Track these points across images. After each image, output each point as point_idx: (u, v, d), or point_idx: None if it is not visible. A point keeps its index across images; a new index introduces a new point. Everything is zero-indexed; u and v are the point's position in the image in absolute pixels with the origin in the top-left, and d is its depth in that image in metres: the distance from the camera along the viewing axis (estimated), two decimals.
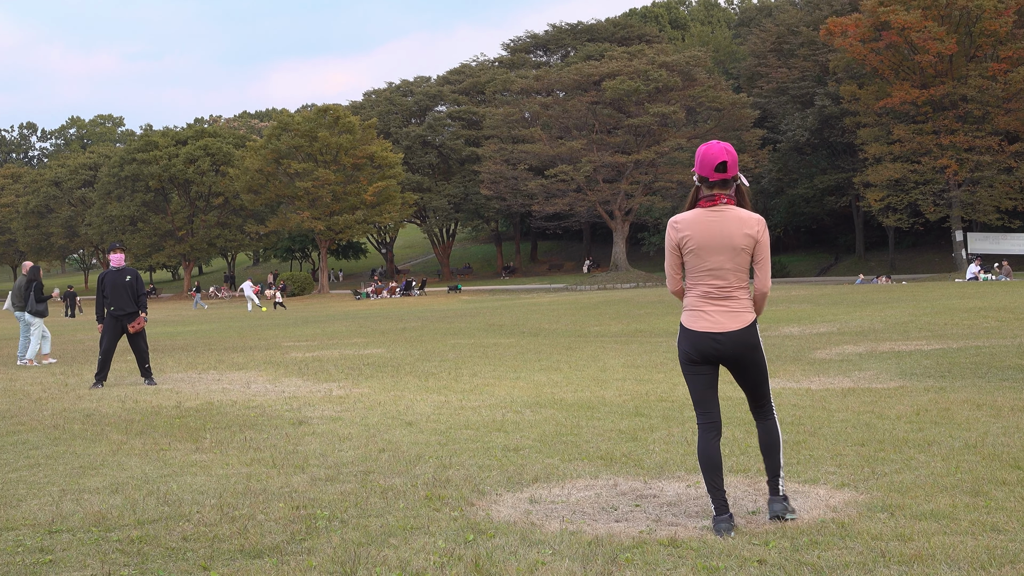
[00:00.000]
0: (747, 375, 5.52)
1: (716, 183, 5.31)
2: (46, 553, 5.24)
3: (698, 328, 5.40)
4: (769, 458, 5.55)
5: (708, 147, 5.32)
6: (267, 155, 69.08)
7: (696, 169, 5.34)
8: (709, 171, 5.28)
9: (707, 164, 5.27)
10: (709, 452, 5.41)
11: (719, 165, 5.26)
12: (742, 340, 5.39)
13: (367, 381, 13.44)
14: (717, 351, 5.39)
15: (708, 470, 5.39)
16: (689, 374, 5.52)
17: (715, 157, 5.26)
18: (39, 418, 10.54)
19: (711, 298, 5.39)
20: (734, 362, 5.45)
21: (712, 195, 5.33)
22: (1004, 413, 8.88)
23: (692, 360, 5.46)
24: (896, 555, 4.74)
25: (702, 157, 5.30)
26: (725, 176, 5.29)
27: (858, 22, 57.09)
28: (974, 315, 21.30)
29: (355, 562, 4.91)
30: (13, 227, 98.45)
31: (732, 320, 5.38)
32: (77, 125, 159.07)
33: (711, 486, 5.36)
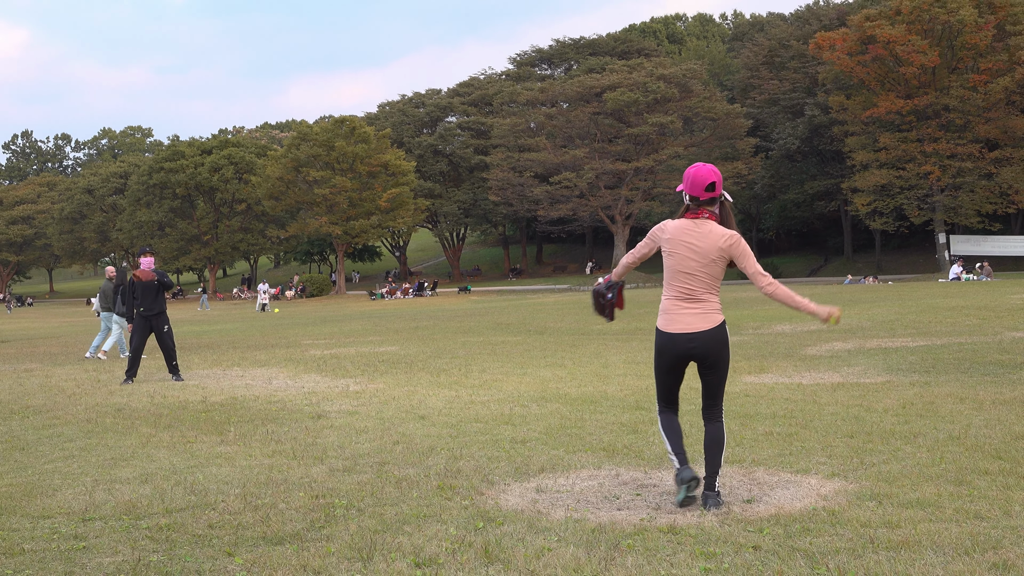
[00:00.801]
0: (715, 371, 5.66)
1: (704, 201, 5.51)
2: (80, 540, 5.24)
3: (674, 330, 5.57)
4: (713, 456, 5.63)
5: (698, 169, 5.52)
6: (287, 164, 69.15)
7: (686, 189, 5.53)
8: (700, 191, 5.48)
9: (698, 185, 5.47)
10: (675, 424, 5.73)
11: (709, 186, 5.47)
12: (715, 338, 5.56)
13: (382, 377, 13.43)
14: (690, 351, 5.56)
15: (675, 436, 5.67)
16: (663, 373, 5.71)
17: (705, 179, 5.46)
18: (73, 412, 10.55)
19: (683, 300, 5.56)
20: (703, 359, 5.60)
21: (697, 210, 5.54)
22: (986, 406, 8.85)
23: (671, 359, 5.63)
24: (884, 541, 4.72)
25: (692, 179, 5.50)
26: (713, 195, 5.49)
27: (845, 36, 57.03)
28: (957, 313, 21.24)
29: (371, 548, 4.90)
30: (48, 232, 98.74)
31: (703, 321, 5.54)
32: (108, 136, 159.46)
33: (677, 447, 5.61)
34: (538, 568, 4.51)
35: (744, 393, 10.40)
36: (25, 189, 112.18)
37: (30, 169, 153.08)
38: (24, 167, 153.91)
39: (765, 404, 9.51)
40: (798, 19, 79.40)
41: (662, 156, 64.53)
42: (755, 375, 12.23)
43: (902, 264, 66.56)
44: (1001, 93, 53.84)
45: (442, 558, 4.72)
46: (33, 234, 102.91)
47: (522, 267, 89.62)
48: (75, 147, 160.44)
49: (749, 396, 10.15)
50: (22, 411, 10.82)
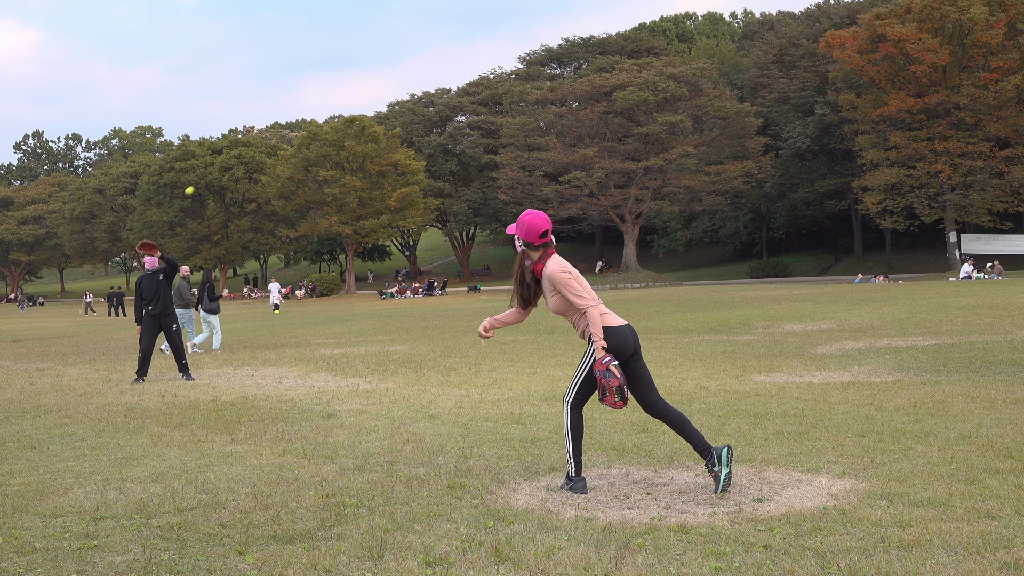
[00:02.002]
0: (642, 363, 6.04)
1: (540, 246, 6.07)
2: (91, 538, 5.26)
3: (621, 324, 5.99)
4: (688, 431, 5.97)
5: (532, 218, 6.05)
6: (297, 163, 69.24)
7: (522, 235, 6.05)
8: (535, 237, 6.03)
9: (533, 232, 6.02)
10: (582, 423, 6.08)
11: (543, 233, 6.02)
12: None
13: (392, 376, 13.45)
14: (635, 340, 6.00)
15: (581, 437, 6.04)
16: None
17: (539, 227, 6.01)
18: (84, 411, 10.59)
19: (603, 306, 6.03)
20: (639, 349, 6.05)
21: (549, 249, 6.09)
22: (997, 405, 8.82)
23: (626, 353, 5.93)
24: (895, 540, 4.71)
25: (528, 227, 6.02)
26: (547, 240, 6.07)
27: (856, 35, 56.86)
28: (967, 312, 21.18)
29: (382, 547, 4.91)
30: (60, 232, 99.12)
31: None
32: (119, 136, 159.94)
33: (579, 451, 6.00)
34: (548, 567, 4.51)
35: (754, 392, 10.38)
36: (36, 189, 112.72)
37: (41, 169, 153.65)
38: (35, 167, 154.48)
39: (775, 403, 9.49)
40: (808, 18, 79.18)
41: (672, 155, 64.44)
42: (765, 374, 12.21)
43: (913, 263, 66.36)
44: (1012, 91, 53.61)
45: (452, 557, 4.72)
46: (44, 234, 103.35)
47: None
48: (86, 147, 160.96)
49: (759, 395, 10.13)
50: (34, 410, 10.86)
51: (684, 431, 5.96)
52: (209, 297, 19.37)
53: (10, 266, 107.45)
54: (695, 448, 5.95)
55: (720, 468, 5.81)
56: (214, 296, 19.51)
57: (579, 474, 6.00)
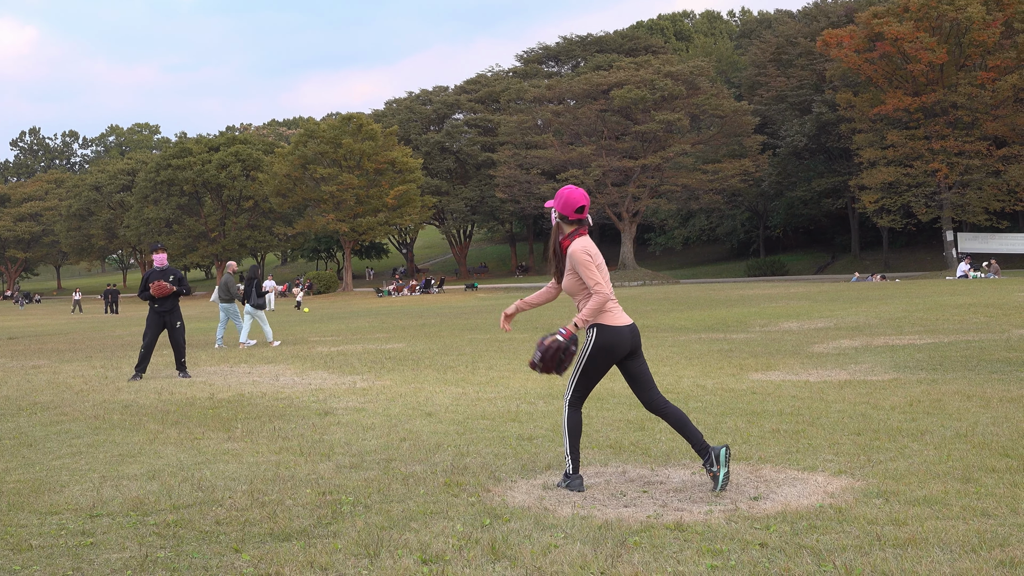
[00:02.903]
0: (643, 361, 6.06)
1: (575, 221, 6.02)
2: (87, 536, 5.26)
3: (622, 323, 5.94)
4: (687, 429, 5.97)
5: (571, 192, 6.00)
6: (294, 161, 69.23)
7: (559, 208, 6.00)
8: (571, 212, 5.97)
9: (570, 206, 5.97)
10: (581, 421, 6.05)
11: (579, 208, 5.97)
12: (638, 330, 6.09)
13: (389, 374, 13.44)
14: (632, 340, 5.96)
15: (579, 436, 6.02)
16: (604, 367, 5.96)
17: (577, 201, 5.97)
18: (81, 409, 10.58)
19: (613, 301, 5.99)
20: (637, 349, 6.03)
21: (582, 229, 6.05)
22: (993, 404, 8.83)
23: (612, 355, 5.92)
24: (891, 539, 4.72)
25: (566, 200, 5.97)
26: (582, 216, 6.02)
27: (853, 33, 56.90)
28: (964, 311, 21.19)
29: (378, 545, 4.91)
30: (56, 229, 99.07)
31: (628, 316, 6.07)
32: (116, 133, 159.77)
33: (577, 450, 5.99)
34: (545, 565, 4.51)
35: (751, 390, 10.39)
36: (33, 186, 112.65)
37: (38, 166, 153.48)
38: (32, 164, 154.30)
39: (772, 401, 9.50)
40: (806, 16, 79.20)
41: (669, 153, 64.48)
42: (762, 372, 12.22)
43: (909, 262, 66.42)
44: (1009, 90, 53.67)
45: (449, 555, 4.72)
46: (41, 231, 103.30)
47: (529, 264, 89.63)
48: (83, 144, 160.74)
49: (756, 393, 10.14)
50: (30, 407, 10.85)
51: (683, 429, 5.96)
52: (256, 293, 19.79)
53: (6, 263, 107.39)
54: (693, 447, 5.94)
55: (718, 468, 5.81)
56: (261, 292, 19.95)
57: (576, 471, 5.99)
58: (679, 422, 5.97)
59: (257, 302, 19.71)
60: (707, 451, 5.88)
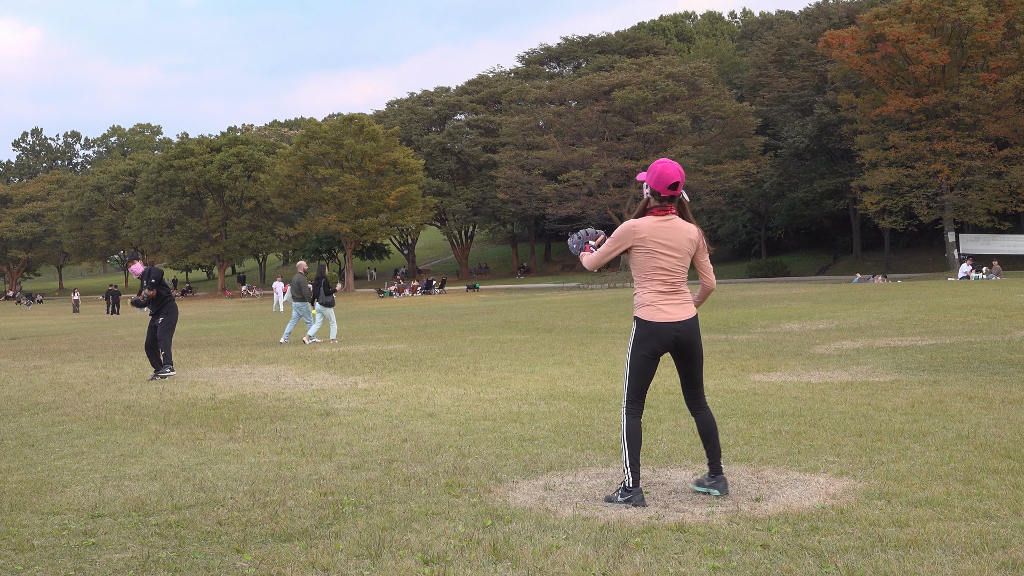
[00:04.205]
0: (695, 361, 5.77)
1: (667, 198, 5.64)
2: (89, 536, 5.26)
3: (661, 320, 5.64)
4: (714, 442, 5.79)
5: (664, 167, 5.60)
6: (296, 161, 69.26)
7: (651, 183, 5.62)
8: (663, 188, 5.58)
9: (663, 182, 5.57)
10: (638, 431, 5.69)
11: (672, 185, 5.58)
12: (695, 327, 5.72)
13: (390, 375, 13.44)
14: (677, 339, 5.65)
15: (638, 446, 5.66)
16: (644, 366, 5.70)
17: (670, 177, 5.57)
18: (82, 409, 10.58)
19: (663, 293, 5.67)
20: (687, 349, 5.71)
21: (664, 206, 5.66)
22: (995, 405, 8.83)
23: (655, 351, 5.67)
24: (893, 540, 4.71)
25: (659, 175, 5.58)
26: (675, 194, 5.62)
27: (855, 34, 56.89)
28: (966, 312, 21.18)
29: (380, 545, 4.91)
30: (58, 229, 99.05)
31: (683, 311, 5.68)
32: (118, 134, 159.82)
33: (635, 461, 5.62)
34: (546, 566, 4.51)
35: (753, 392, 10.39)
36: (35, 186, 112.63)
37: (40, 167, 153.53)
38: (34, 164, 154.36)
39: (774, 402, 9.50)
40: (807, 17, 79.17)
41: (671, 154, 64.41)
42: (763, 373, 12.22)
43: (911, 263, 66.39)
44: (1011, 91, 53.65)
45: (450, 555, 4.72)
46: (43, 231, 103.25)
47: (530, 265, 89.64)
48: (85, 144, 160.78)
49: (758, 394, 10.14)
50: (32, 408, 10.85)
51: (707, 440, 5.81)
52: (325, 291, 20.43)
53: (8, 264, 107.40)
54: (709, 461, 5.82)
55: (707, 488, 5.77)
56: (329, 291, 20.55)
57: (635, 484, 5.62)
58: (706, 432, 5.80)
59: (326, 300, 20.42)
60: (718, 473, 5.78)
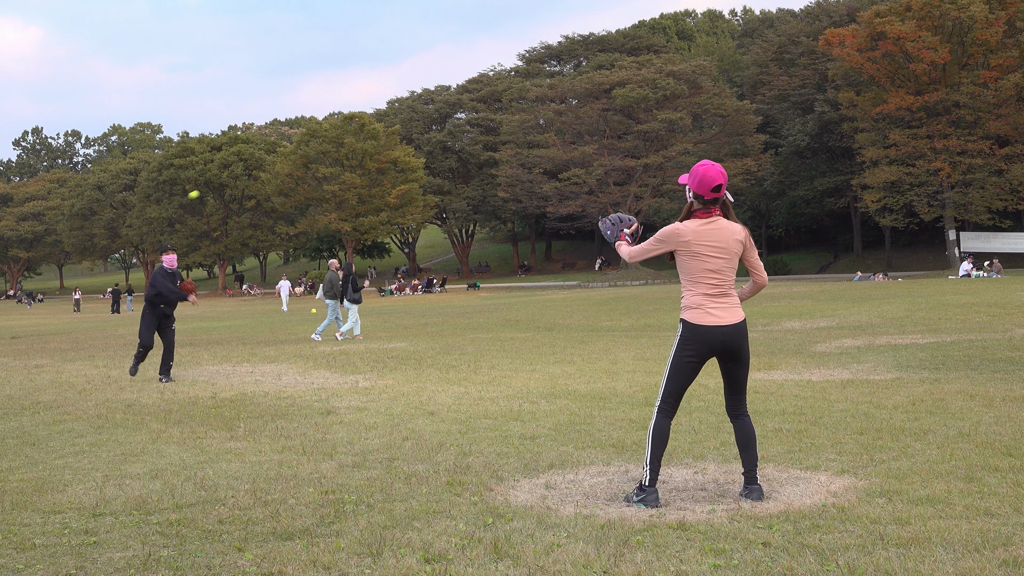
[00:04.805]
0: (741, 366, 5.70)
1: (710, 200, 5.58)
2: (90, 535, 5.26)
3: (707, 323, 5.56)
4: (749, 452, 5.70)
5: (707, 169, 5.54)
6: (296, 160, 69.25)
7: (693, 186, 5.58)
8: (706, 191, 5.54)
9: (705, 185, 5.52)
10: (667, 431, 5.67)
11: (715, 187, 5.52)
12: (742, 331, 5.64)
13: (391, 373, 13.44)
14: (724, 343, 5.57)
15: (663, 446, 5.64)
16: (687, 369, 5.63)
17: (713, 180, 5.51)
18: (83, 408, 10.58)
19: (711, 296, 5.59)
20: (734, 352, 5.63)
21: (707, 208, 5.60)
22: (996, 403, 8.82)
23: (700, 355, 5.59)
24: (894, 538, 4.71)
25: (701, 178, 5.53)
26: (718, 196, 5.58)
27: (855, 32, 56.87)
28: (967, 310, 21.18)
29: (381, 544, 4.91)
30: (59, 228, 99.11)
31: (732, 314, 5.61)
32: (118, 133, 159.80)
33: (656, 460, 5.60)
34: (547, 564, 4.51)
35: (753, 390, 10.38)
36: (35, 185, 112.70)
37: (40, 166, 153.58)
38: (34, 164, 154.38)
39: (775, 401, 9.49)
40: (808, 15, 79.18)
41: (671, 153, 64.45)
42: (764, 372, 12.22)
43: (912, 261, 66.38)
44: (1012, 89, 53.63)
45: (451, 554, 4.72)
46: (43, 230, 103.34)
47: (531, 264, 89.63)
48: (85, 144, 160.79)
49: (759, 393, 10.13)
50: (33, 407, 10.86)
51: (745, 449, 5.72)
52: (353, 288, 20.91)
53: (9, 263, 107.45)
54: (744, 470, 5.73)
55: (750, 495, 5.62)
56: (357, 288, 21.05)
57: (652, 484, 5.59)
58: (744, 440, 5.72)
59: (353, 297, 20.91)
60: (753, 484, 5.67)
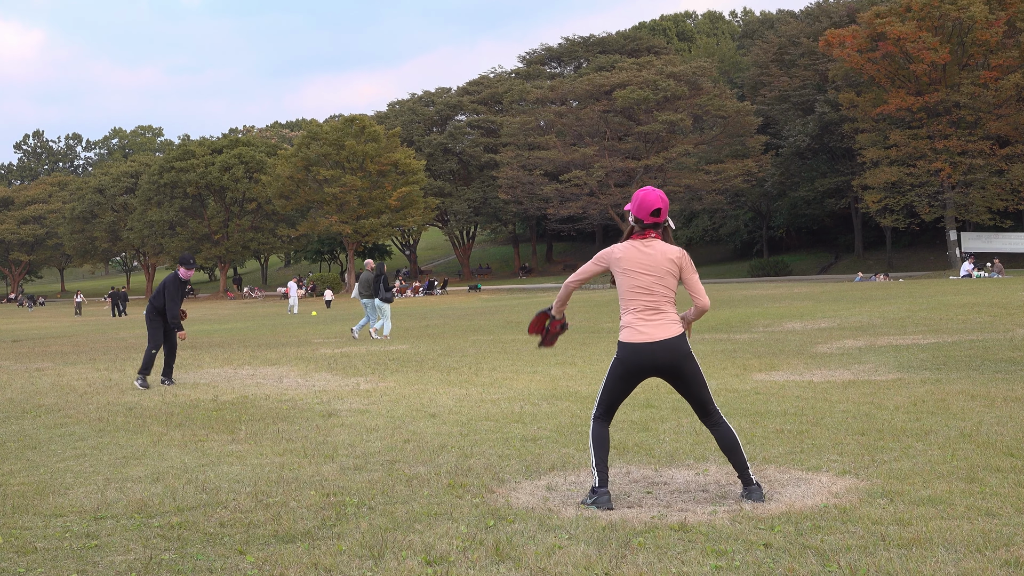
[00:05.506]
0: (685, 383, 5.70)
1: (649, 225, 5.71)
2: (92, 538, 5.26)
3: (636, 340, 5.62)
4: (734, 456, 5.69)
5: (646, 194, 5.68)
6: (297, 163, 69.28)
7: (633, 211, 5.73)
8: (645, 215, 5.67)
9: (644, 209, 5.66)
10: (606, 436, 5.77)
11: (654, 211, 5.65)
12: (675, 347, 5.62)
13: (392, 375, 13.44)
14: (654, 361, 5.61)
15: (604, 450, 5.71)
16: (619, 385, 5.73)
17: (651, 204, 5.65)
18: (85, 411, 10.58)
19: (641, 312, 5.66)
20: (671, 370, 5.66)
21: (643, 231, 5.74)
22: (997, 403, 8.82)
23: (630, 372, 5.67)
24: (896, 539, 4.71)
25: (640, 202, 5.68)
26: (658, 220, 5.69)
27: (856, 33, 56.89)
28: (968, 311, 21.16)
29: (382, 546, 4.91)
30: (60, 232, 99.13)
31: (662, 330, 5.62)
32: (119, 136, 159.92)
33: (603, 462, 5.67)
34: (549, 566, 4.51)
35: (755, 391, 10.38)
36: (36, 189, 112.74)
37: (41, 169, 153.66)
38: (35, 167, 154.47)
39: (776, 402, 9.49)
40: (808, 16, 79.21)
41: (672, 154, 64.49)
42: (765, 372, 12.21)
43: (913, 261, 66.36)
44: (1012, 90, 53.63)
45: (453, 556, 4.72)
46: (44, 234, 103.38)
47: (532, 265, 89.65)
48: (86, 147, 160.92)
49: (760, 394, 10.13)
50: (34, 410, 10.86)
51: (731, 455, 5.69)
52: (384, 288, 21.30)
53: (10, 266, 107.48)
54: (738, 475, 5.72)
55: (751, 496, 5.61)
56: (388, 287, 21.42)
57: (602, 485, 5.65)
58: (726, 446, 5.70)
59: (385, 296, 21.28)
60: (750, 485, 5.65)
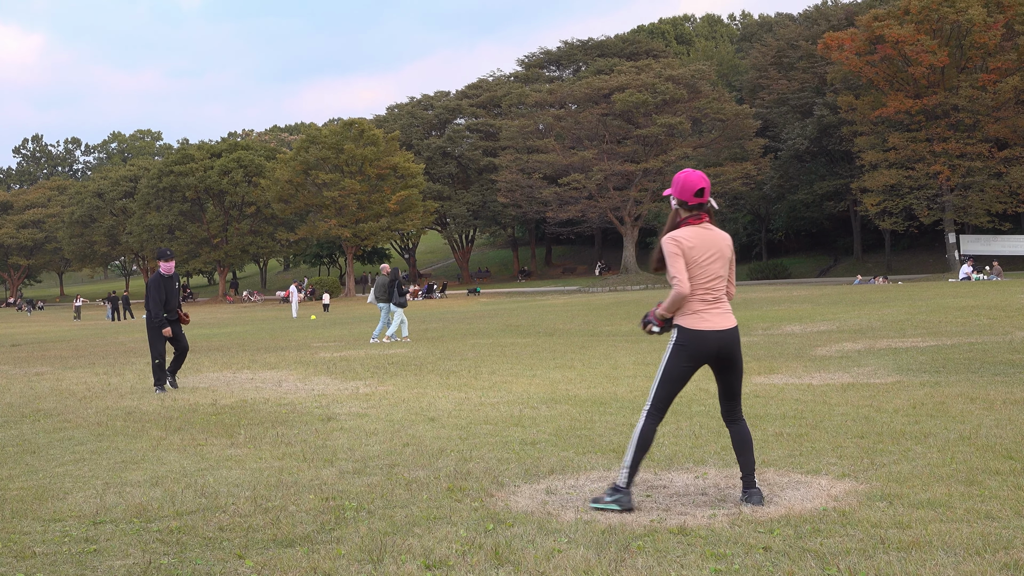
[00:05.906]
0: (735, 371, 5.71)
1: (694, 206, 5.59)
2: (91, 543, 5.25)
3: (704, 328, 5.56)
4: (745, 455, 5.69)
5: (688, 175, 5.58)
6: (296, 167, 69.30)
7: (676, 194, 5.60)
8: (689, 196, 5.56)
9: (688, 190, 5.55)
10: (652, 437, 5.67)
11: (698, 191, 5.55)
12: (736, 337, 5.66)
13: (392, 379, 13.44)
14: (719, 348, 5.58)
15: (643, 450, 5.63)
16: (681, 374, 5.63)
17: (695, 184, 5.54)
18: (84, 416, 10.57)
19: (707, 302, 5.59)
20: (728, 358, 5.64)
21: (697, 215, 5.60)
22: (996, 406, 8.82)
23: (695, 360, 5.60)
24: (895, 542, 4.71)
25: (683, 184, 5.57)
26: (702, 200, 5.58)
27: (854, 36, 56.92)
28: (967, 313, 21.17)
29: (381, 550, 4.90)
30: (59, 236, 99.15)
31: (726, 320, 5.63)
32: (118, 140, 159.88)
33: (637, 464, 5.60)
34: (548, 570, 4.50)
35: (754, 394, 10.38)
36: (35, 193, 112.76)
37: (40, 173, 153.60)
38: (34, 171, 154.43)
39: (775, 405, 9.49)
40: (806, 19, 79.23)
41: (671, 157, 64.50)
42: (765, 376, 12.21)
43: (912, 264, 66.37)
44: (1010, 92, 53.66)
45: (452, 560, 4.72)
46: (43, 238, 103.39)
47: (531, 269, 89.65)
48: (85, 151, 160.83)
49: (759, 397, 10.13)
50: (33, 415, 10.85)
51: (742, 453, 5.70)
52: (399, 292, 21.67)
53: (9, 270, 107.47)
54: (742, 475, 5.71)
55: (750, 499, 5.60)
56: (403, 291, 21.82)
57: (627, 487, 5.60)
58: (740, 443, 5.70)
59: (399, 300, 21.63)
60: (751, 488, 5.65)
